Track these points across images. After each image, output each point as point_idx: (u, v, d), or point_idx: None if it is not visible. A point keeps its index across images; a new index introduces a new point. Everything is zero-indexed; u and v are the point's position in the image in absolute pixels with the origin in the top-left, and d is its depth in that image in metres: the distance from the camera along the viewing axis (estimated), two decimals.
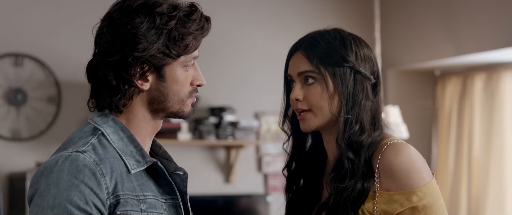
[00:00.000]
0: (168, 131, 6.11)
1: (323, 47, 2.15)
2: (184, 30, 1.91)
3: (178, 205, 1.99)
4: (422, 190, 2.06)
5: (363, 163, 2.10)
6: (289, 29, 6.75)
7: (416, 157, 2.10)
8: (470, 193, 6.60)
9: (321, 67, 2.14)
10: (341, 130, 2.12)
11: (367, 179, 2.09)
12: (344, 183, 2.08)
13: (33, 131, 6.03)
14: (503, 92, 6.40)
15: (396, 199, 2.07)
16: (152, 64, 1.90)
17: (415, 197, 2.06)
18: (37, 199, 1.82)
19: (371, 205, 2.08)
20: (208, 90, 6.39)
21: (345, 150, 2.11)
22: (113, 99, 1.92)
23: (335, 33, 2.19)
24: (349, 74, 2.14)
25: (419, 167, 2.08)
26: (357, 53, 2.16)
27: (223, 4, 6.59)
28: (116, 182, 1.86)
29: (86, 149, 1.86)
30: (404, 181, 2.06)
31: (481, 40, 6.04)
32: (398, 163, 2.07)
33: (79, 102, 6.04)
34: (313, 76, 2.15)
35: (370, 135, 2.13)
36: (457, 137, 6.81)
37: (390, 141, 2.12)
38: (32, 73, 6.02)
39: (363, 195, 2.08)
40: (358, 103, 2.14)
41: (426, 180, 2.08)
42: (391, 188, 2.07)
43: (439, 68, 7.02)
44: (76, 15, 6.08)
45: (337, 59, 2.14)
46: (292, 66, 2.21)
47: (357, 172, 2.09)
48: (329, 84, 2.13)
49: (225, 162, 6.63)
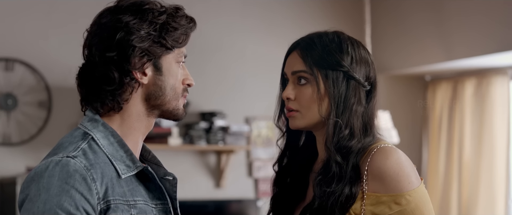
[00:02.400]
0: (158, 136, 6.10)
1: (318, 49, 2.16)
2: (175, 24, 1.96)
3: (168, 210, 2.00)
4: (410, 194, 2.07)
5: (351, 167, 2.10)
6: (280, 34, 6.76)
7: (405, 161, 2.10)
8: (461, 197, 6.61)
9: (314, 69, 2.14)
10: (330, 133, 2.12)
11: (355, 184, 2.08)
12: (331, 187, 2.08)
13: (23, 135, 6.01)
14: (494, 97, 6.41)
15: (384, 200, 2.07)
16: (150, 55, 1.93)
17: (403, 200, 2.07)
18: (28, 204, 1.82)
19: (359, 206, 2.08)
20: (198, 95, 6.39)
21: (333, 153, 2.11)
22: (115, 94, 1.93)
23: (334, 36, 2.19)
24: (342, 79, 2.15)
25: (408, 171, 2.09)
26: (353, 58, 2.17)
27: (215, 10, 6.59)
28: (107, 187, 1.86)
29: (76, 154, 1.86)
30: (393, 185, 2.07)
31: (471, 45, 6.05)
32: (388, 167, 2.07)
33: (69, 107, 6.03)
34: (305, 77, 2.15)
35: (360, 141, 2.13)
36: (448, 142, 6.82)
37: (380, 145, 2.12)
38: (23, 78, 6.01)
39: (351, 200, 2.08)
40: (349, 108, 2.14)
41: (414, 184, 2.09)
42: (379, 191, 2.08)
43: (429, 73, 7.03)
44: (67, 20, 6.08)
45: (331, 62, 2.14)
46: (288, 65, 2.22)
47: (345, 176, 2.09)
48: (320, 86, 2.14)
49: (215, 167, 6.63)
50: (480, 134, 6.51)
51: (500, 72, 6.40)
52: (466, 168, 6.59)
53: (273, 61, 6.74)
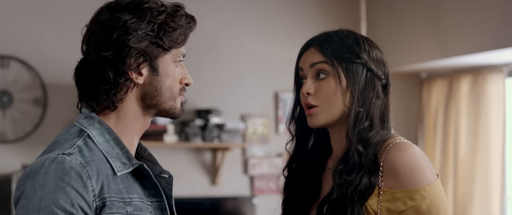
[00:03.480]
0: (154, 133, 6.10)
1: (337, 43, 2.18)
2: (174, 24, 1.94)
3: (164, 208, 1.99)
4: (425, 189, 2.07)
5: (370, 159, 2.12)
6: (276, 32, 6.76)
7: (420, 156, 2.11)
8: (456, 195, 6.62)
9: (334, 62, 2.16)
10: (351, 124, 2.14)
11: (374, 174, 2.10)
12: (352, 176, 2.10)
13: (19, 133, 6.01)
14: (489, 94, 6.42)
15: (399, 197, 2.08)
16: (146, 56, 1.92)
17: (418, 196, 2.07)
18: (23, 201, 1.82)
19: (375, 202, 2.09)
20: (194, 93, 6.39)
21: (355, 142, 2.13)
22: (109, 93, 1.92)
23: (348, 33, 2.22)
24: (361, 71, 2.18)
25: (423, 166, 2.09)
26: (369, 53, 2.20)
27: (211, 7, 6.59)
28: (102, 184, 1.86)
29: (72, 151, 1.86)
30: (407, 180, 2.08)
31: (467, 42, 6.06)
32: (402, 162, 2.08)
33: (65, 105, 6.02)
34: (325, 71, 2.16)
35: (378, 132, 2.17)
36: (443, 139, 6.83)
37: (395, 140, 2.15)
38: (18, 75, 6.00)
39: (370, 189, 2.09)
40: (369, 100, 2.19)
41: (430, 179, 2.09)
42: (395, 187, 2.09)
43: (425, 71, 7.04)
44: (63, 17, 6.07)
45: (351, 55, 2.17)
46: (304, 60, 2.22)
47: (365, 166, 2.11)
48: (342, 79, 2.16)
49: (211, 164, 6.63)
50: (475, 131, 6.51)
51: (496, 70, 6.40)
52: (462, 165, 6.59)
53: (269, 59, 6.75)
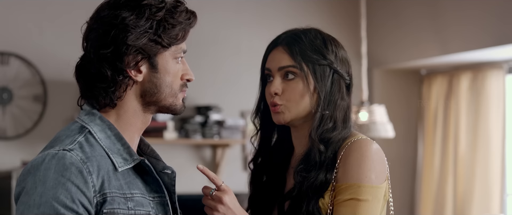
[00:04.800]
0: (154, 130, 6.10)
1: (305, 45, 2.22)
2: (173, 20, 1.94)
3: (166, 203, 2.00)
4: (365, 187, 2.11)
5: (329, 156, 2.17)
6: (276, 28, 6.66)
7: (374, 155, 2.15)
8: (456, 191, 6.62)
9: (303, 64, 2.19)
10: (316, 125, 2.19)
11: (330, 171, 2.15)
12: (311, 174, 2.15)
13: (19, 129, 6.01)
14: (489, 91, 6.42)
15: (342, 189, 2.12)
16: (145, 53, 1.91)
17: (358, 190, 2.10)
18: (24, 197, 1.82)
19: (328, 198, 2.14)
20: (194, 89, 6.39)
21: (317, 143, 2.17)
22: (108, 91, 1.92)
23: (316, 33, 2.25)
24: (328, 73, 2.21)
25: (371, 166, 2.13)
26: (336, 54, 2.23)
27: (210, 4, 6.58)
28: (103, 180, 1.86)
29: (73, 147, 1.86)
30: (351, 174, 2.12)
31: (467, 39, 6.05)
32: (354, 157, 2.13)
33: (65, 101, 6.02)
34: (294, 72, 2.20)
35: (340, 132, 2.20)
36: (443, 136, 6.83)
37: (356, 138, 2.18)
38: (18, 72, 6.01)
39: (324, 186, 2.14)
40: (334, 102, 2.21)
41: (372, 181, 2.12)
42: (341, 180, 2.13)
43: (425, 68, 7.04)
44: (62, 13, 6.07)
45: (318, 57, 2.20)
46: (271, 60, 2.26)
47: (323, 164, 2.16)
48: (310, 80, 2.19)
49: (211, 160, 6.63)
50: (475, 128, 6.51)
51: (496, 66, 6.40)
52: (462, 162, 6.59)
53: None
